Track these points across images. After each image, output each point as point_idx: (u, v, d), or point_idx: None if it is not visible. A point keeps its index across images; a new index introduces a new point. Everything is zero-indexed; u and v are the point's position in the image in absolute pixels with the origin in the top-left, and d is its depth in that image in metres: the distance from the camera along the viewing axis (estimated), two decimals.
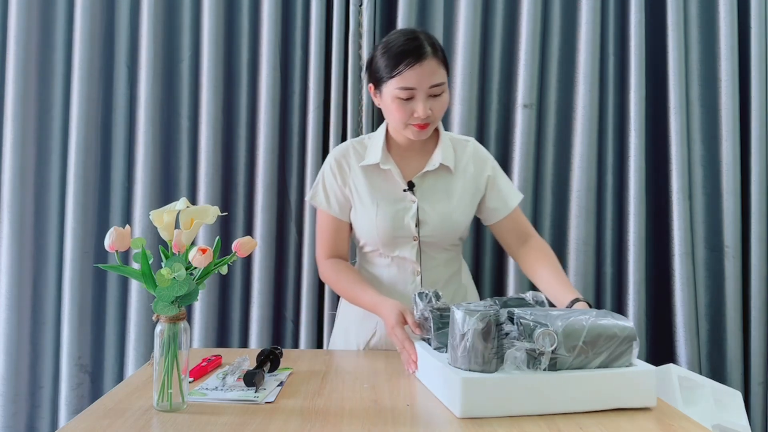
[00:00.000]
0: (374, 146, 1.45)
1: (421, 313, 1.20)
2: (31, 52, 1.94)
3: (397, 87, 1.31)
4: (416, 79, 1.30)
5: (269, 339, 1.95)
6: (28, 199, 1.95)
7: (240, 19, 1.99)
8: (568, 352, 0.99)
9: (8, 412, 1.92)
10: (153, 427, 0.93)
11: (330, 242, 1.47)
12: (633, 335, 1.03)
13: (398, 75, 1.30)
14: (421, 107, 1.31)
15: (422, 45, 1.31)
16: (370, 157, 1.44)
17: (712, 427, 1.45)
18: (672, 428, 0.95)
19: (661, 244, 2.01)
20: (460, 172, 1.46)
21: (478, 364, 0.98)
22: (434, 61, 1.31)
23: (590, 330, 1.00)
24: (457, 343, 0.99)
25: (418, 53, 1.30)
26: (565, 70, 2.02)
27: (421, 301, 1.21)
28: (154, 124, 1.94)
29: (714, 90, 2.01)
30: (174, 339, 0.98)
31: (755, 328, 1.96)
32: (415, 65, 1.29)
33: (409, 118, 1.33)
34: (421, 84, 1.30)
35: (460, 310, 0.99)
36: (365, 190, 1.43)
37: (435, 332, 1.15)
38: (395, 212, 1.40)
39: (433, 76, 1.31)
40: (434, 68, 1.31)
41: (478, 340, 0.97)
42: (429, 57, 1.30)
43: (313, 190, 1.49)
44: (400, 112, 1.33)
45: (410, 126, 1.35)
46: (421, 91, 1.31)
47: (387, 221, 1.40)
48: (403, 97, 1.32)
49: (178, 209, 0.98)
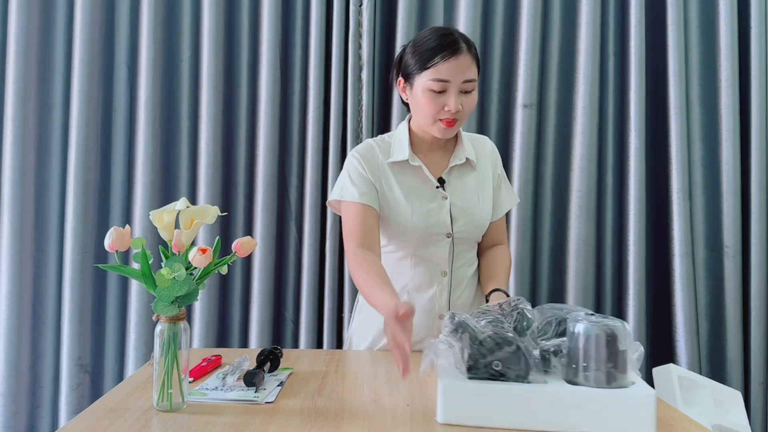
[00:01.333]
0: (399, 143, 1.43)
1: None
2: (31, 52, 1.94)
3: (431, 79, 1.31)
4: (451, 72, 1.30)
5: (269, 339, 1.95)
6: (28, 199, 1.95)
7: (240, 19, 1.99)
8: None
9: (8, 412, 1.92)
10: (153, 427, 0.93)
11: (360, 230, 1.37)
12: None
13: (433, 67, 1.31)
14: (452, 101, 1.31)
15: (458, 40, 1.33)
16: (396, 154, 1.42)
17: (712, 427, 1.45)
18: (672, 428, 0.95)
19: (661, 244, 2.01)
20: (481, 168, 1.47)
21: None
22: (468, 57, 1.33)
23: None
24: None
25: (454, 47, 1.31)
26: (565, 70, 2.02)
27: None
28: (154, 124, 1.94)
29: (714, 90, 2.01)
30: (174, 339, 0.98)
31: (755, 328, 1.96)
32: (450, 58, 1.30)
33: (439, 112, 1.33)
34: (455, 77, 1.31)
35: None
36: (396, 187, 1.40)
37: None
38: (430, 209, 1.39)
39: (467, 71, 1.32)
40: (468, 64, 1.32)
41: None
42: (464, 52, 1.32)
43: (338, 188, 1.43)
44: (430, 105, 1.33)
45: (438, 122, 1.34)
46: (454, 84, 1.31)
47: (423, 218, 1.38)
48: (435, 90, 1.32)
49: (178, 209, 0.98)
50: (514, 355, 0.93)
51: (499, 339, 0.94)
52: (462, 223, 1.40)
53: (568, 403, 0.92)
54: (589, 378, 0.93)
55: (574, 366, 0.94)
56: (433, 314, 1.41)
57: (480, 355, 0.94)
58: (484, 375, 0.94)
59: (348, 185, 1.41)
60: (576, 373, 0.94)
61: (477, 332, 0.95)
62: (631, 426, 0.91)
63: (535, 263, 2.01)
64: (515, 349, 0.93)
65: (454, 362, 0.98)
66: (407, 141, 1.42)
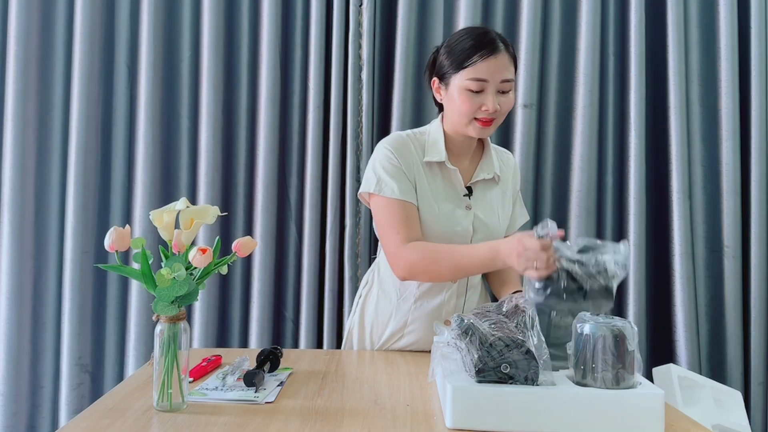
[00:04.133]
0: (434, 143, 1.40)
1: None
2: (31, 52, 1.94)
3: (469, 78, 1.29)
4: (490, 71, 1.29)
5: (269, 339, 1.95)
6: (28, 199, 1.95)
7: (240, 19, 1.99)
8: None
9: (9, 412, 1.92)
10: (153, 427, 0.93)
11: (406, 227, 1.33)
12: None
13: (471, 66, 1.29)
14: (491, 100, 1.29)
15: (495, 39, 1.32)
16: (433, 154, 1.38)
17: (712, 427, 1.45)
18: (672, 428, 0.95)
19: (661, 244, 2.01)
20: (503, 183, 1.47)
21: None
22: (507, 56, 1.32)
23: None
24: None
25: (493, 46, 1.30)
26: (565, 70, 2.02)
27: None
28: (154, 124, 1.94)
29: (714, 90, 2.01)
30: (174, 339, 0.98)
31: (755, 328, 1.96)
32: (489, 57, 1.29)
33: (476, 111, 1.31)
34: (494, 77, 1.29)
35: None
36: (427, 186, 1.38)
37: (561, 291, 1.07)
38: (455, 216, 1.38)
39: (506, 70, 1.31)
40: (506, 63, 1.31)
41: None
42: (502, 51, 1.31)
43: (372, 181, 1.36)
44: (467, 104, 1.30)
45: (474, 122, 1.32)
46: (493, 84, 1.30)
47: (447, 224, 1.37)
48: (473, 89, 1.30)
49: (178, 209, 0.98)
50: (523, 357, 0.93)
51: (509, 341, 0.93)
52: (480, 237, 1.39)
53: (577, 404, 0.91)
54: (597, 379, 0.93)
55: (583, 367, 0.94)
56: (441, 320, 1.41)
57: (489, 358, 0.93)
58: (492, 378, 0.94)
59: (386, 179, 1.35)
60: (584, 375, 0.94)
61: (486, 335, 0.94)
62: (639, 426, 0.91)
63: None
64: (525, 352, 0.93)
65: (462, 366, 0.97)
66: (443, 142, 1.39)
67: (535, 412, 0.91)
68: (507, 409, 0.91)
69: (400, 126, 1.94)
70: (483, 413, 0.92)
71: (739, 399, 1.61)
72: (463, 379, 0.95)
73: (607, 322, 0.94)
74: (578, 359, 0.95)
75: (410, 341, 1.43)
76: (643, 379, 0.97)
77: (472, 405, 0.92)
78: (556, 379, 0.96)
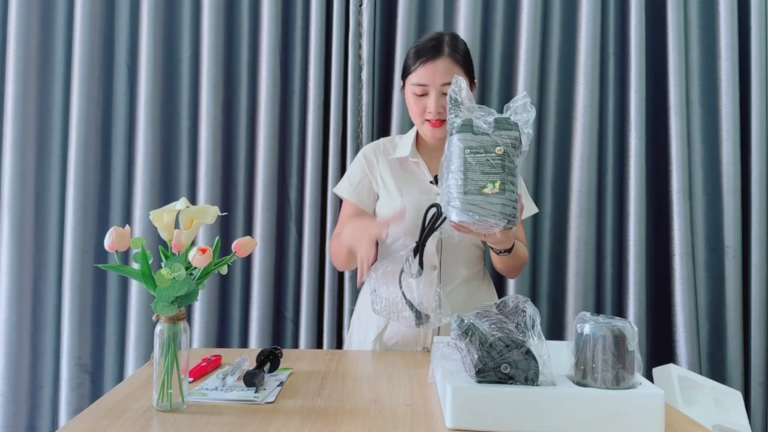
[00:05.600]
0: (405, 142, 1.52)
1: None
2: (31, 52, 1.94)
3: (412, 83, 1.40)
4: (429, 76, 1.37)
5: (269, 339, 1.95)
6: (28, 199, 1.95)
7: (240, 19, 1.99)
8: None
9: (8, 412, 1.92)
10: (153, 427, 0.93)
11: (345, 223, 1.47)
12: None
13: (414, 71, 1.39)
14: (431, 103, 1.38)
15: (440, 45, 1.39)
16: (399, 152, 1.51)
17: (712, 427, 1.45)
18: (672, 428, 0.95)
19: (661, 244, 2.01)
20: None
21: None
22: (448, 61, 1.38)
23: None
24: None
25: (434, 52, 1.38)
26: (565, 70, 2.02)
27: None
28: (154, 124, 1.94)
29: (714, 90, 2.01)
30: (174, 339, 0.98)
31: (755, 328, 1.96)
32: (428, 63, 1.37)
33: (423, 113, 1.41)
34: (434, 81, 1.37)
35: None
36: (391, 179, 1.48)
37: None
38: (420, 201, 1.40)
39: (446, 74, 1.37)
40: (447, 67, 1.37)
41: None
42: (443, 56, 1.38)
43: (341, 182, 1.56)
44: (413, 107, 1.42)
45: (425, 123, 1.42)
46: (433, 88, 1.38)
47: (412, 208, 1.40)
48: (417, 93, 1.40)
49: (178, 209, 0.98)
50: (523, 357, 0.93)
51: (509, 341, 0.93)
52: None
53: (578, 405, 0.91)
54: (597, 379, 0.93)
55: (583, 367, 0.94)
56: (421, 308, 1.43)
57: (489, 359, 0.93)
58: (492, 378, 0.94)
59: (346, 182, 1.54)
60: (584, 375, 0.94)
61: (486, 335, 0.94)
62: (639, 426, 0.91)
63: (535, 263, 2.01)
64: (525, 352, 0.93)
65: (462, 366, 0.97)
66: (412, 140, 1.50)
67: (535, 412, 0.91)
68: (507, 410, 0.91)
69: (400, 126, 1.94)
70: (483, 413, 0.91)
71: (739, 399, 1.61)
72: (463, 380, 0.95)
73: (607, 322, 0.94)
74: (578, 359, 0.95)
75: (393, 336, 1.45)
76: (643, 379, 0.96)
77: (472, 405, 0.92)
78: (556, 379, 0.96)
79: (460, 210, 1.10)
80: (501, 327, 0.98)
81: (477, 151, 1.11)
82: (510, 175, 1.11)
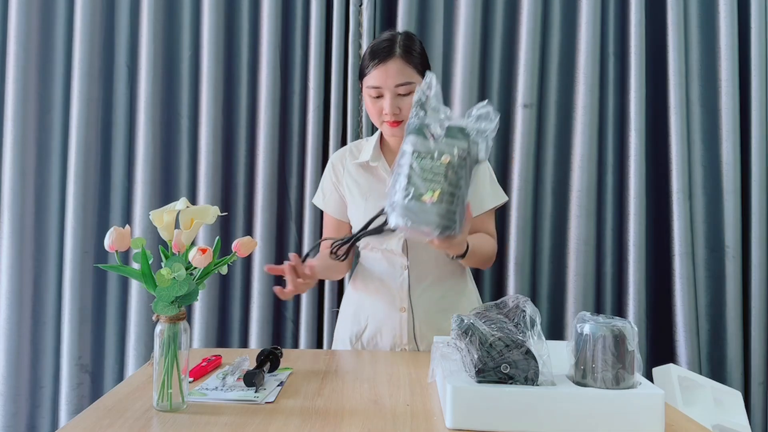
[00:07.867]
0: (368, 147, 1.52)
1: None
2: (31, 52, 1.94)
3: (367, 86, 1.41)
4: (381, 78, 1.37)
5: (269, 339, 1.95)
6: (28, 199, 1.95)
7: (240, 19, 1.99)
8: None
9: (9, 412, 1.92)
10: (153, 427, 0.93)
11: (326, 234, 1.56)
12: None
13: (367, 74, 1.40)
14: (387, 104, 1.38)
15: (392, 46, 1.38)
16: (362, 156, 1.51)
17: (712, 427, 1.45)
18: (672, 428, 0.95)
19: (661, 244, 2.01)
20: None
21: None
22: (400, 62, 1.37)
23: None
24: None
25: (385, 54, 1.38)
26: (565, 70, 2.02)
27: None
28: (154, 123, 1.94)
29: (714, 90, 2.01)
30: (174, 339, 0.98)
31: (755, 328, 1.95)
32: (380, 65, 1.37)
33: (380, 115, 1.41)
34: (386, 83, 1.37)
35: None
36: (355, 185, 1.50)
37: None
38: (381, 204, 1.39)
39: (399, 75, 1.37)
40: (400, 68, 1.37)
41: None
42: (395, 57, 1.37)
43: (317, 192, 1.59)
44: (370, 109, 1.42)
45: (384, 123, 1.42)
46: (387, 89, 1.38)
47: (375, 213, 1.40)
48: (372, 95, 1.40)
49: (178, 209, 0.98)
50: (523, 357, 0.93)
51: (509, 341, 0.93)
52: None
53: (577, 404, 0.91)
54: (597, 379, 0.93)
55: (583, 367, 0.94)
56: (394, 307, 1.46)
57: (489, 358, 0.93)
58: (492, 378, 0.94)
59: (319, 193, 1.58)
60: (584, 375, 0.94)
61: (486, 335, 0.94)
62: (639, 426, 0.91)
63: (535, 263, 2.01)
64: (525, 352, 0.93)
65: (462, 366, 0.97)
66: (375, 143, 1.51)
67: (535, 412, 0.91)
68: (507, 409, 0.91)
69: None
70: (483, 413, 0.92)
71: (739, 399, 1.62)
72: (463, 379, 0.95)
73: (607, 322, 0.94)
74: (578, 359, 0.95)
75: (372, 335, 1.48)
76: (643, 379, 0.97)
77: (472, 405, 0.92)
78: (556, 379, 0.96)
79: (398, 214, 1.10)
80: (501, 327, 0.98)
81: (423, 156, 1.10)
82: (452, 186, 1.09)
